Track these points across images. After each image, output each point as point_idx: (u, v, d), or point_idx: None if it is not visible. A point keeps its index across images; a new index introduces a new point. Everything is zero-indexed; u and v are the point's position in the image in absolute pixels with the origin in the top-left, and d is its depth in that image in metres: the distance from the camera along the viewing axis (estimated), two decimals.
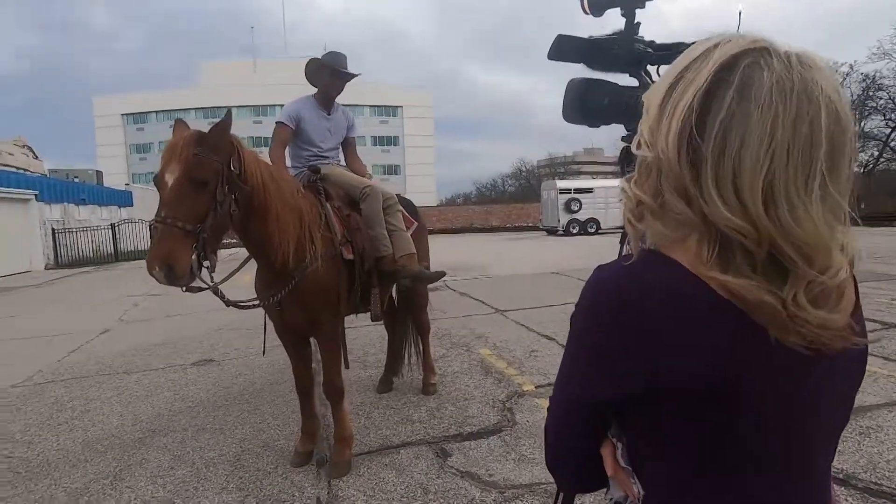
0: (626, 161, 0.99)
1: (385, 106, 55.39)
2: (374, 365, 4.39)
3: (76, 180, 25.08)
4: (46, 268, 16.08)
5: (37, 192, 16.22)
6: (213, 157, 1.94)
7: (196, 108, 47.69)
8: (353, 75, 3.06)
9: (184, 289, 1.92)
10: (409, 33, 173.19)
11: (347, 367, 2.71)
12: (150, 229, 1.84)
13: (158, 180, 1.89)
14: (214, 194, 1.93)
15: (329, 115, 3.07)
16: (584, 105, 1.04)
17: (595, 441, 0.69)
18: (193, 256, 1.85)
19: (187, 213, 1.85)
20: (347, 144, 3.31)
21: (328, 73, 2.97)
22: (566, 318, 0.68)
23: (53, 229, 16.89)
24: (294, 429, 3.11)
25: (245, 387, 4.02)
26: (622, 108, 1.01)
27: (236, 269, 2.44)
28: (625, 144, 0.99)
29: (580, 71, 1.10)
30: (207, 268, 1.95)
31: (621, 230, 1.14)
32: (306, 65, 3.00)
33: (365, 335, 5.20)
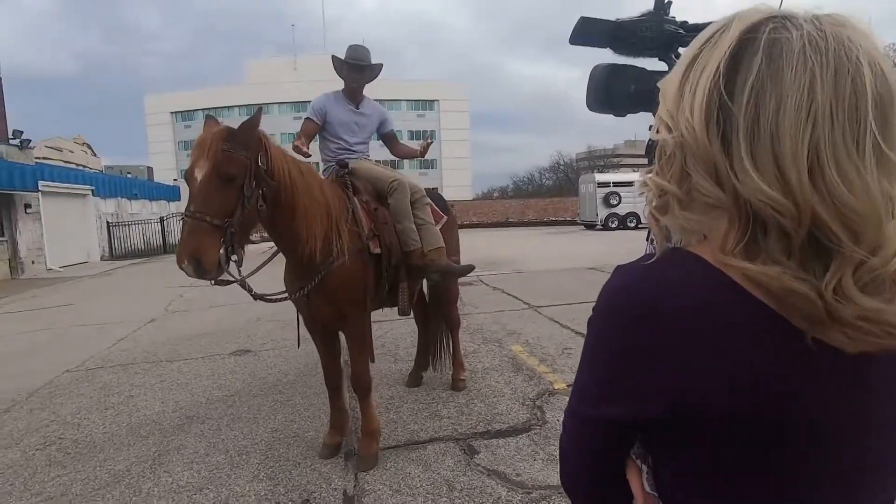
0: (654, 152, 0.92)
1: (421, 100, 55.56)
2: (405, 359, 4.40)
3: (129, 176, 26.43)
4: (102, 259, 17.01)
5: (93, 188, 17.15)
6: (242, 152, 1.97)
7: (240, 106, 49.26)
8: (371, 66, 3.04)
9: (212, 282, 1.96)
10: (448, 27, 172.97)
11: (373, 361, 2.71)
12: (181, 223, 1.88)
13: (188, 176, 1.93)
14: (242, 189, 1.95)
15: (358, 108, 3.08)
16: (609, 93, 0.97)
17: (616, 462, 0.62)
18: (221, 251, 1.88)
19: (216, 207, 1.88)
20: (389, 139, 3.35)
21: (346, 69, 3.00)
22: None
23: (108, 223, 17.84)
24: (324, 420, 3.15)
25: (279, 377, 4.11)
26: (650, 94, 0.93)
27: (264, 263, 2.48)
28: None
29: (606, 57, 1.04)
30: (235, 262, 1.98)
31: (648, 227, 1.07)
32: (332, 62, 3.02)
33: (396, 328, 5.23)
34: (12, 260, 13.01)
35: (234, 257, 1.96)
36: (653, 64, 1.01)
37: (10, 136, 14.21)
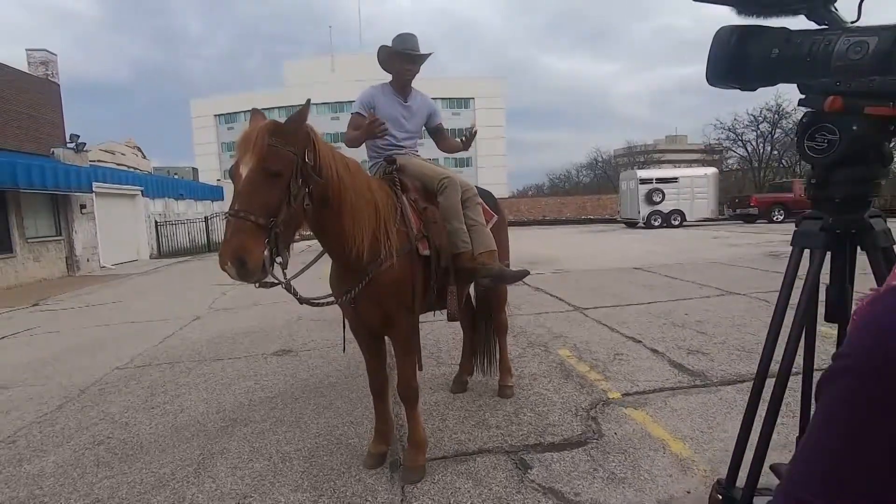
0: (810, 130, 0.72)
1: (457, 98, 55.41)
2: (448, 362, 4.25)
3: (175, 177, 27.43)
4: (151, 257, 17.69)
5: (142, 188, 17.84)
6: (288, 147, 1.85)
7: (279, 107, 50.49)
8: (424, 56, 2.88)
9: (256, 285, 1.85)
10: (483, 23, 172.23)
11: (421, 368, 2.57)
12: (225, 222, 1.77)
13: (233, 172, 1.83)
14: (288, 187, 1.84)
15: (406, 101, 2.93)
16: (743, 60, 0.78)
17: None
18: (266, 251, 1.77)
19: (260, 206, 1.77)
20: (436, 133, 3.20)
21: (398, 59, 2.82)
22: (653, 318, 0.45)
23: (156, 222, 18.53)
24: (367, 427, 3.04)
25: (321, 379, 4.04)
26: (800, 59, 0.73)
27: (309, 264, 2.37)
28: (808, 110, 0.72)
29: (727, 17, 0.84)
30: (280, 263, 1.87)
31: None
32: (378, 53, 2.87)
33: (438, 330, 5.09)
34: (69, 258, 13.65)
35: (278, 259, 1.85)
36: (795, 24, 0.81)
37: (68, 139, 14.93)
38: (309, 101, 1.90)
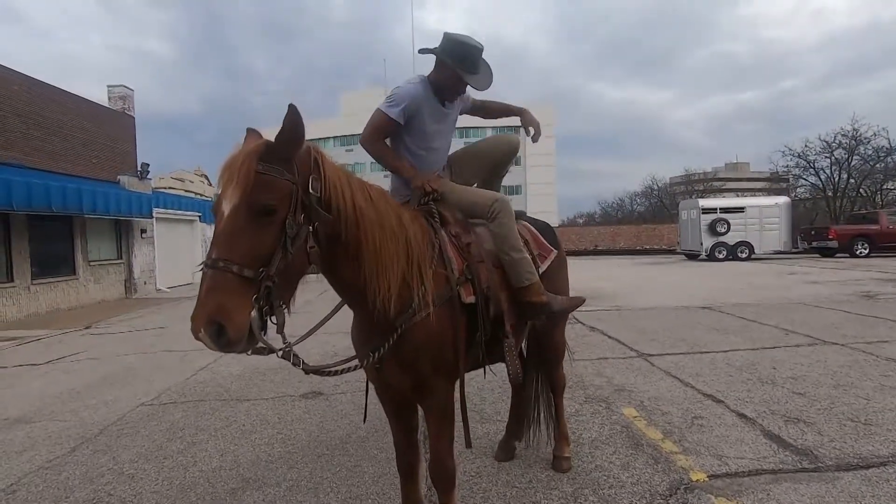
0: None
1: (506, 126, 55.53)
2: (494, 418, 3.71)
3: None
4: None
5: (200, 214, 18.50)
6: (284, 175, 1.44)
7: (335, 137, 52.43)
8: (483, 87, 2.39)
9: (249, 352, 1.43)
10: (533, 52, 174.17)
11: (469, 445, 2.04)
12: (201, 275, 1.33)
13: (215, 209, 1.43)
14: (284, 226, 1.42)
15: (445, 107, 2.40)
16: None
17: None
18: (254, 312, 1.34)
19: (246, 252, 1.35)
20: (479, 108, 2.78)
21: (452, 73, 2.27)
22: (733, 372, 0.27)
23: None
24: (395, 501, 2.55)
25: (349, 432, 3.60)
26: None
27: (320, 324, 1.94)
28: None
29: None
30: (275, 324, 1.44)
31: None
32: (452, 46, 2.27)
33: (481, 377, 4.53)
34: (127, 281, 14.14)
35: (272, 319, 1.42)
36: None
37: (139, 168, 15.73)
38: (291, 104, 1.40)
